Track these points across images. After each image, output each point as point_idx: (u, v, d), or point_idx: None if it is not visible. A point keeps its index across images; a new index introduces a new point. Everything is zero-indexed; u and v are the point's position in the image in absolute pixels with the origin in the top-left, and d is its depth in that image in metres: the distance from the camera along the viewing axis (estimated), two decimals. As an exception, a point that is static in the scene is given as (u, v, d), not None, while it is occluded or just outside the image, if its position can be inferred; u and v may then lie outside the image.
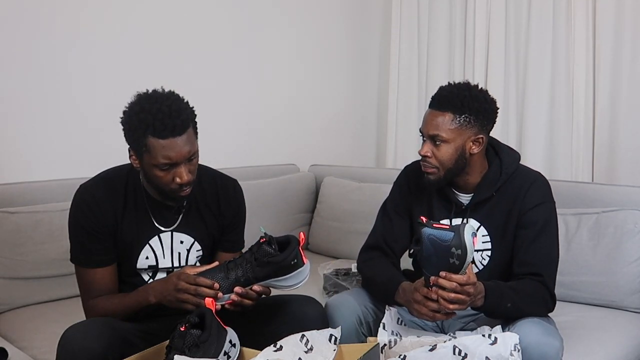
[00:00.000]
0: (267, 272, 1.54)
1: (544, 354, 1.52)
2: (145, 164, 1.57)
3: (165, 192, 1.62)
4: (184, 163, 1.56)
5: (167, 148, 1.52)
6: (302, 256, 1.57)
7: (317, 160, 3.39)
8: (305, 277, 1.59)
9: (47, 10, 2.43)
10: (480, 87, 1.77)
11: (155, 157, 1.53)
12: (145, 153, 1.54)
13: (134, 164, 1.62)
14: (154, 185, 1.62)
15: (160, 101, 1.53)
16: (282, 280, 1.56)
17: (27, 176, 2.38)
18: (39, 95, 2.43)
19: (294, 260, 1.55)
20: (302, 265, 1.57)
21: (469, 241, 1.48)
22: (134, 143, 1.56)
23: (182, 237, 1.73)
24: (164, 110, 1.51)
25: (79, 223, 1.65)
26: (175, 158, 1.54)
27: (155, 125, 1.50)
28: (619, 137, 2.84)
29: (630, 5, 2.77)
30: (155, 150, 1.52)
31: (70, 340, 1.45)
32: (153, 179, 1.59)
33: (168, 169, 1.55)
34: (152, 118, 1.50)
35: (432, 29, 3.45)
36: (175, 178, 1.56)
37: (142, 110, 1.52)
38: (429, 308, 1.57)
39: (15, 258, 2.18)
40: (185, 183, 1.57)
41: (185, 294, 1.52)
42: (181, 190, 1.59)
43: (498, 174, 1.79)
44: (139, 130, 1.52)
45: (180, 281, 1.53)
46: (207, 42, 2.95)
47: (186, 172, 1.56)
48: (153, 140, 1.52)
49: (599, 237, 2.22)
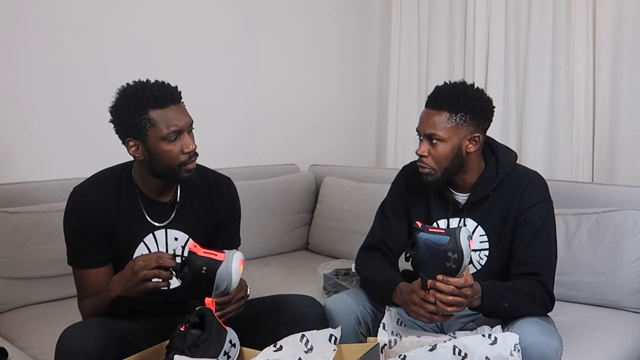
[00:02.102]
0: (200, 292, 1.48)
1: (543, 354, 1.52)
2: (150, 143, 1.59)
3: (173, 169, 1.61)
4: (188, 132, 1.61)
5: (172, 116, 1.58)
6: (213, 257, 1.48)
7: (317, 160, 3.39)
8: (230, 271, 1.47)
9: (47, 11, 2.43)
10: (476, 86, 1.77)
11: (162, 129, 1.57)
12: (151, 129, 1.57)
13: (135, 154, 1.62)
14: (161, 165, 1.61)
15: (149, 81, 1.62)
16: (217, 288, 1.48)
17: (27, 176, 2.38)
18: (39, 96, 2.44)
19: (202, 269, 1.46)
20: (216, 265, 1.47)
21: (465, 245, 1.49)
22: (134, 126, 1.58)
23: (176, 234, 1.73)
24: (158, 83, 1.61)
25: (73, 225, 1.66)
26: (181, 125, 1.59)
27: (155, 97, 1.57)
28: (619, 137, 2.84)
29: (630, 5, 2.77)
30: (161, 121, 1.57)
31: (69, 340, 1.46)
32: (161, 157, 1.60)
33: (175, 140, 1.59)
34: (150, 91, 1.57)
35: (432, 28, 3.45)
36: (183, 148, 1.60)
37: (137, 89, 1.59)
38: (427, 310, 1.57)
39: (15, 258, 2.19)
40: (192, 151, 1.61)
41: (144, 270, 1.50)
42: (190, 161, 1.62)
43: (495, 173, 1.79)
44: (139, 108, 1.57)
45: (137, 261, 1.52)
46: (206, 41, 2.95)
47: (193, 142, 1.62)
48: (156, 112, 1.57)
49: (599, 237, 2.22)
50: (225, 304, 1.53)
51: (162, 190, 1.71)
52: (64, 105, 2.50)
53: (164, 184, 1.69)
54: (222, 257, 1.48)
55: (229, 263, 1.48)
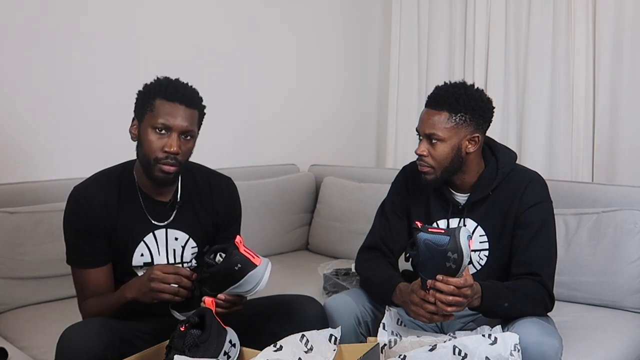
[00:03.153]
0: (216, 284, 1.52)
1: (543, 354, 1.52)
2: (143, 126, 1.62)
3: (149, 162, 1.61)
4: (178, 135, 1.61)
5: (169, 112, 1.59)
6: (251, 258, 1.51)
7: (317, 160, 3.39)
8: (260, 279, 1.52)
9: (49, 10, 2.42)
10: (476, 87, 1.77)
11: (155, 118, 1.60)
12: (148, 113, 1.61)
13: (132, 133, 1.66)
14: (142, 154, 1.63)
15: (178, 79, 1.67)
16: (238, 287, 1.51)
17: (27, 176, 2.38)
18: (40, 96, 2.43)
19: (236, 265, 1.49)
20: (251, 268, 1.51)
21: (465, 245, 1.49)
22: (140, 107, 1.63)
23: (176, 234, 1.73)
24: (182, 83, 1.66)
25: (73, 225, 1.66)
26: (173, 123, 1.59)
27: (168, 89, 1.61)
28: (619, 137, 2.84)
29: (630, 5, 2.77)
30: (157, 111, 1.60)
31: (69, 340, 1.45)
32: (143, 144, 1.62)
33: (162, 134, 1.60)
34: (169, 83, 1.64)
35: (432, 28, 3.45)
36: (165, 146, 1.59)
37: (165, 79, 1.66)
38: (427, 310, 1.57)
39: (15, 258, 2.18)
40: (172, 153, 1.59)
41: (160, 283, 1.52)
42: (165, 161, 1.60)
43: (494, 173, 1.79)
44: (151, 92, 1.62)
45: (155, 271, 1.54)
46: (206, 42, 2.95)
47: (176, 144, 1.60)
48: (160, 102, 1.60)
49: (599, 237, 2.22)
50: (233, 303, 1.54)
51: (158, 188, 1.71)
52: (64, 106, 2.49)
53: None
54: (258, 262, 1.52)
55: (263, 269, 1.53)
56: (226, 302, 1.52)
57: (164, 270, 1.55)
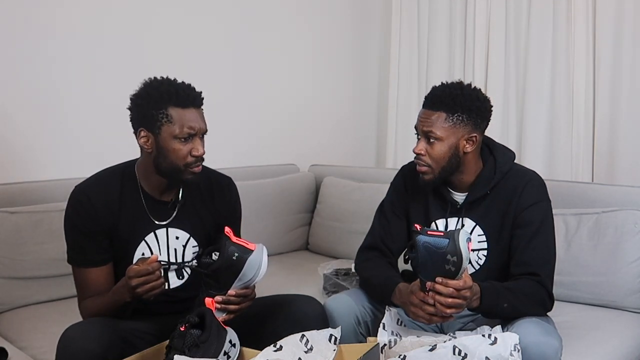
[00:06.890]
0: (221, 280, 1.52)
1: (543, 354, 1.52)
2: (162, 138, 1.60)
3: (179, 169, 1.62)
4: (200, 137, 1.63)
5: (189, 119, 1.60)
6: (245, 245, 1.53)
7: (317, 160, 3.39)
8: (260, 264, 1.53)
9: (46, 10, 2.43)
10: (473, 86, 1.77)
11: (177, 127, 1.59)
12: (166, 124, 1.59)
13: (144, 145, 1.63)
14: (167, 163, 1.62)
15: (176, 80, 1.64)
16: (241, 279, 1.53)
17: (27, 176, 2.38)
18: (39, 95, 2.43)
19: (234, 255, 1.51)
20: (248, 254, 1.53)
21: (464, 247, 1.49)
22: (150, 118, 1.60)
23: (177, 233, 1.73)
24: (184, 84, 1.64)
25: (74, 224, 1.66)
26: (197, 129, 1.61)
27: (178, 95, 1.59)
28: (619, 138, 2.84)
29: (630, 5, 2.77)
30: (177, 120, 1.59)
31: (70, 340, 1.45)
32: (169, 154, 1.61)
33: (187, 141, 1.60)
34: (175, 89, 1.60)
35: (432, 28, 3.45)
36: (192, 150, 1.61)
37: (162, 84, 1.62)
38: (426, 311, 1.57)
39: (15, 258, 2.18)
40: (200, 156, 1.62)
41: (137, 278, 1.50)
42: (195, 165, 1.63)
43: (492, 173, 1.79)
44: (160, 101, 1.59)
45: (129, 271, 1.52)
46: (206, 42, 2.95)
47: (202, 147, 1.63)
48: (175, 110, 1.59)
49: (599, 237, 2.22)
50: (243, 297, 1.54)
51: (164, 189, 1.71)
52: (64, 105, 2.50)
53: (166, 183, 1.69)
54: (253, 247, 1.53)
55: (260, 254, 1.53)
56: (237, 296, 1.53)
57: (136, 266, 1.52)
